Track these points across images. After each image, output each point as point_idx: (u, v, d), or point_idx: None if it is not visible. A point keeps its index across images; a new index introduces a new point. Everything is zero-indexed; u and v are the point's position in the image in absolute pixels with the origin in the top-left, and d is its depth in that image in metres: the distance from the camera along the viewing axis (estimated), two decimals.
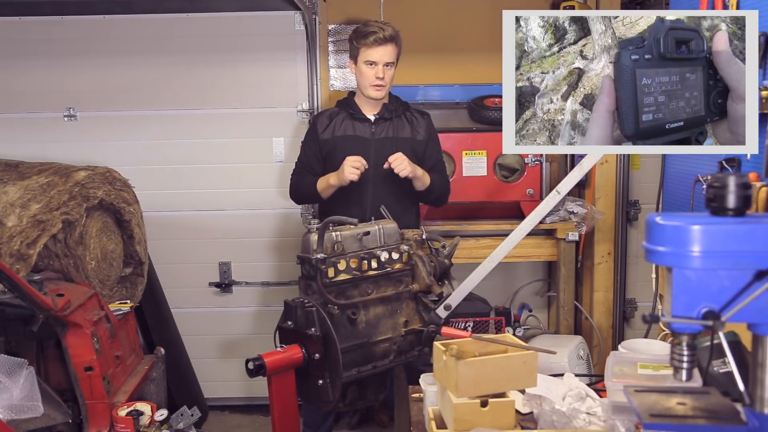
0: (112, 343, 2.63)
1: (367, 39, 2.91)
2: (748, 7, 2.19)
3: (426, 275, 2.47)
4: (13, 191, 2.80)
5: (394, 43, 2.94)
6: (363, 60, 2.94)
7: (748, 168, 2.15)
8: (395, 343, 2.41)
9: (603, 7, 3.64)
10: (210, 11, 3.78)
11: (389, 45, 2.93)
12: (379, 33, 2.90)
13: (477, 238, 3.57)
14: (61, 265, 2.79)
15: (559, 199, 2.22)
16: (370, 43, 2.91)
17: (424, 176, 2.96)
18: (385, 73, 2.94)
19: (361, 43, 2.93)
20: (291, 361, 2.25)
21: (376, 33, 2.90)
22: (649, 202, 3.79)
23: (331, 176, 2.94)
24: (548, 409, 1.71)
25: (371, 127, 3.02)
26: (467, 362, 1.60)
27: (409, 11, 3.91)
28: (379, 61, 2.93)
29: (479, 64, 3.88)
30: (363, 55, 2.94)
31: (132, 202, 3.25)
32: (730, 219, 1.22)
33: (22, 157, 3.42)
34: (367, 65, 2.94)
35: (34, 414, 2.34)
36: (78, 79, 3.80)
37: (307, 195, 3.10)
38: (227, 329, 4.01)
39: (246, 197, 3.91)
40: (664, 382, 1.56)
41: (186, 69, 3.82)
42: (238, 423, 3.92)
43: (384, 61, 2.93)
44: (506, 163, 3.62)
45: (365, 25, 2.97)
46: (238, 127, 3.86)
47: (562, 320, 3.66)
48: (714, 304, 1.20)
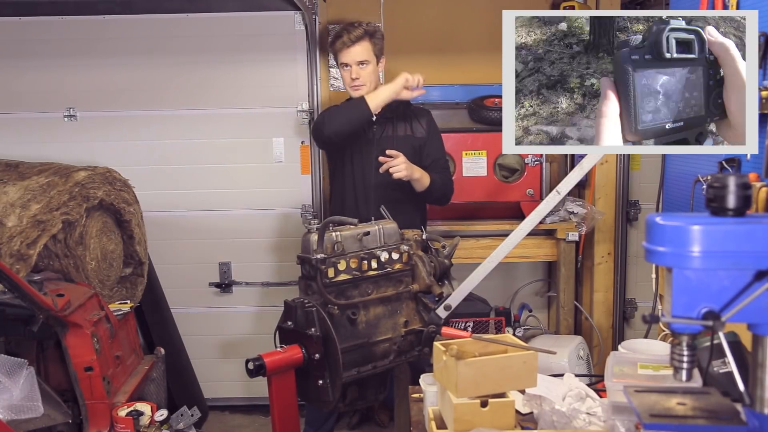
0: (112, 343, 2.63)
1: (335, 44, 2.98)
2: (748, 7, 2.19)
3: (426, 275, 2.47)
4: (13, 191, 2.80)
5: (366, 40, 2.96)
6: (339, 63, 3.02)
7: (748, 168, 2.15)
8: (395, 344, 2.42)
9: (603, 7, 3.63)
10: (210, 11, 3.78)
11: (359, 44, 2.94)
12: (345, 36, 2.95)
13: (477, 238, 3.57)
14: (61, 265, 2.79)
15: (559, 199, 2.23)
16: (338, 47, 2.97)
17: (423, 177, 2.94)
18: (360, 73, 2.96)
19: (333, 48, 3.00)
20: (291, 361, 2.25)
21: (341, 36, 2.96)
22: (649, 202, 3.79)
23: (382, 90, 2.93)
24: (548, 409, 1.71)
25: (373, 126, 3.03)
26: (467, 362, 1.60)
27: (409, 11, 3.91)
28: (351, 62, 2.96)
29: (479, 64, 3.88)
30: (338, 59, 3.01)
31: (132, 202, 3.24)
32: (730, 219, 1.22)
33: (22, 157, 3.41)
34: (343, 68, 3.00)
35: (34, 414, 2.33)
36: (78, 79, 3.80)
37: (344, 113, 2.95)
38: (227, 329, 4.01)
39: (246, 197, 3.91)
40: (664, 382, 1.56)
41: (186, 69, 3.82)
42: (238, 423, 3.92)
43: (355, 60, 2.95)
44: (506, 163, 3.62)
45: (338, 30, 3.02)
46: (238, 127, 3.85)
47: (562, 320, 3.66)
48: (714, 304, 1.20)
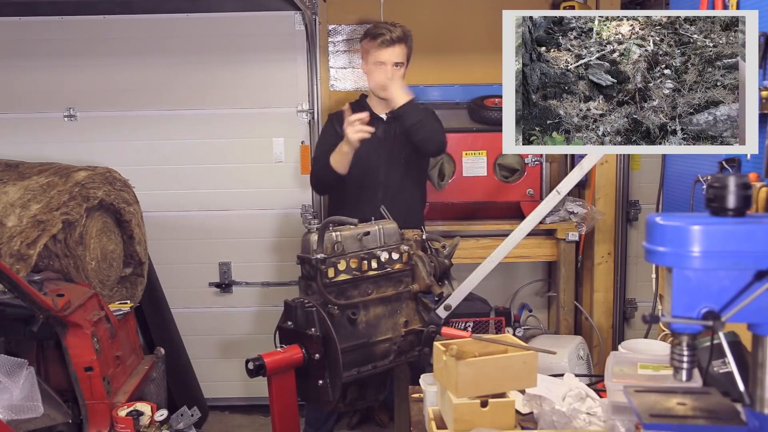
0: (112, 344, 2.63)
1: (375, 41, 2.97)
2: (748, 7, 2.19)
3: (426, 275, 2.47)
4: (13, 191, 2.80)
5: (403, 44, 2.99)
6: (372, 61, 2.99)
7: (748, 168, 2.15)
8: (395, 344, 2.41)
9: (603, 7, 3.63)
10: (210, 11, 3.78)
11: (398, 46, 2.97)
12: (387, 35, 2.96)
13: (477, 238, 3.57)
14: (61, 265, 2.79)
15: (559, 199, 2.23)
16: (378, 44, 2.96)
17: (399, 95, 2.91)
18: (394, 74, 2.97)
19: (371, 44, 2.99)
20: (291, 361, 2.24)
21: (383, 35, 2.96)
22: (649, 202, 3.78)
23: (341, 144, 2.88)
24: (548, 409, 1.71)
25: (383, 126, 3.04)
26: (467, 362, 1.60)
27: (409, 11, 3.91)
28: (387, 62, 2.97)
29: (479, 64, 3.88)
30: (372, 56, 2.99)
31: (132, 202, 3.24)
32: (730, 219, 1.22)
33: (22, 157, 3.41)
34: (377, 66, 2.99)
35: (34, 414, 2.33)
36: (78, 79, 3.80)
37: (328, 177, 2.99)
38: (227, 329, 4.01)
39: (246, 197, 3.91)
40: (664, 382, 1.56)
41: (186, 69, 3.82)
42: (238, 423, 3.92)
43: (392, 61, 2.97)
44: (506, 163, 3.62)
45: (375, 27, 3.02)
46: (238, 127, 3.85)
47: (562, 320, 3.66)
48: (714, 304, 1.20)
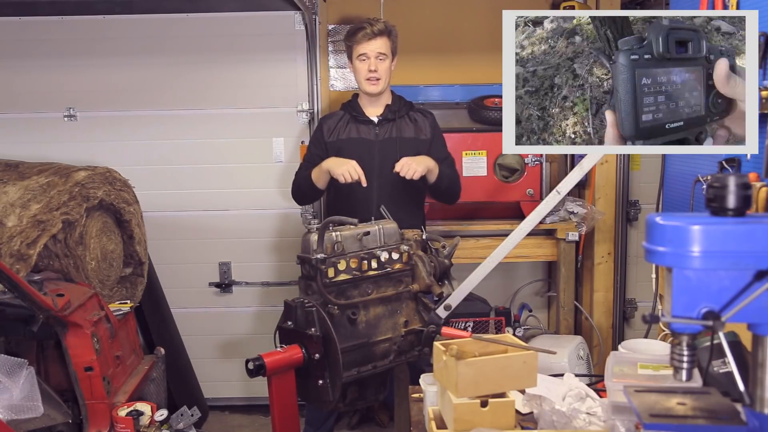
0: (112, 343, 2.63)
1: (356, 35, 2.97)
2: (748, 7, 2.19)
3: (426, 275, 2.46)
4: (13, 191, 2.80)
5: (385, 37, 2.98)
6: (356, 56, 2.99)
7: (748, 168, 2.15)
8: (395, 343, 2.41)
9: (603, 7, 3.63)
10: (210, 11, 3.78)
11: (380, 38, 2.96)
12: (368, 28, 2.96)
13: (477, 238, 3.57)
14: (61, 265, 2.79)
15: (559, 199, 2.22)
16: (359, 38, 2.96)
17: (435, 167, 2.93)
18: (378, 66, 2.96)
19: (352, 40, 2.99)
20: (291, 361, 2.24)
21: (364, 29, 2.96)
22: (649, 202, 3.79)
23: (326, 162, 2.90)
24: (548, 409, 1.71)
25: (375, 128, 3.03)
26: (467, 362, 1.60)
27: (409, 11, 3.91)
28: (370, 54, 2.96)
29: (479, 64, 3.88)
30: (355, 52, 2.99)
31: (132, 202, 3.25)
32: (730, 219, 1.22)
33: (22, 157, 3.42)
34: (360, 60, 2.98)
35: (34, 414, 2.33)
36: (78, 79, 3.80)
37: (306, 188, 3.04)
38: (227, 329, 4.01)
39: (246, 197, 3.91)
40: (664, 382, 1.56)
41: (186, 69, 3.82)
42: (238, 423, 3.92)
43: (375, 52, 2.96)
44: (506, 163, 3.62)
45: (356, 24, 3.03)
46: (238, 127, 3.85)
47: (562, 320, 3.66)
48: (714, 304, 1.20)
